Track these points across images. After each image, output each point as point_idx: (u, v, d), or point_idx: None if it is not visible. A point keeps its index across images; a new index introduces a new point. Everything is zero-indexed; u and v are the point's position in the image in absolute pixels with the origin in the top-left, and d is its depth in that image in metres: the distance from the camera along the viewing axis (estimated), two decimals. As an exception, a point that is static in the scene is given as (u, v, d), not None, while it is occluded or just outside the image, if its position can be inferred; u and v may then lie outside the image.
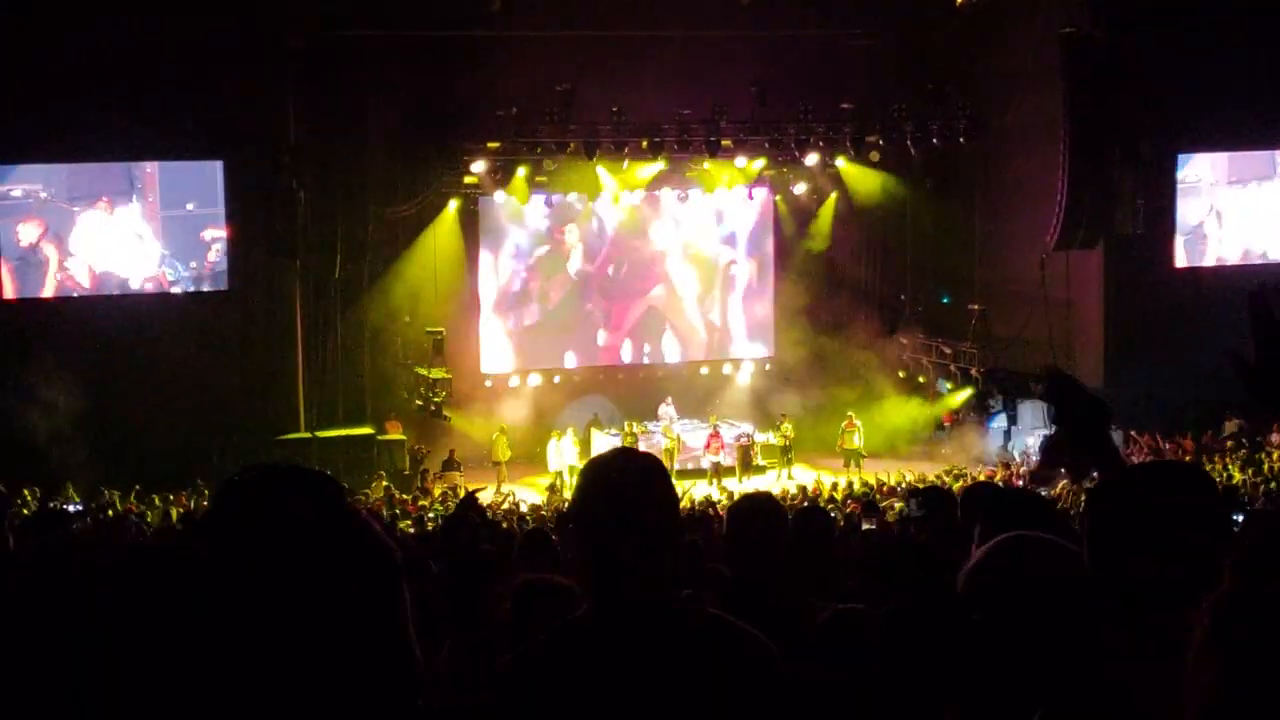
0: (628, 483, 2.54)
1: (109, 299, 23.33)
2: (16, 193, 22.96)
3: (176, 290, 23.75)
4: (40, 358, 21.33)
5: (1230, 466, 21.11)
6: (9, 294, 22.92)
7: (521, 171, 25.63)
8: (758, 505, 4.26)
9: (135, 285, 23.59)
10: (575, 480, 2.65)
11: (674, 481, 2.69)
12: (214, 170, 23.45)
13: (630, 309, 28.63)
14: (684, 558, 2.71)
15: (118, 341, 22.33)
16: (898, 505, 15.49)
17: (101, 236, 23.30)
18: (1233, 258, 26.12)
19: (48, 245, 23.07)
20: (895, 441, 27.44)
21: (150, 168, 23.44)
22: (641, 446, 25.57)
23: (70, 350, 21.71)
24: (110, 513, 17.51)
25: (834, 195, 28.28)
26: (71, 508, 16.69)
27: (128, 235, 23.46)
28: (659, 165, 25.99)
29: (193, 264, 23.84)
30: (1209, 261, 26.06)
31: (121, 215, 23.41)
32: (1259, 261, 26.01)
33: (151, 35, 21.30)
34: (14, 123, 21.50)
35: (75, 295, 23.22)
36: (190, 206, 23.69)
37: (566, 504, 20.31)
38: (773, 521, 4.07)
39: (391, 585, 1.44)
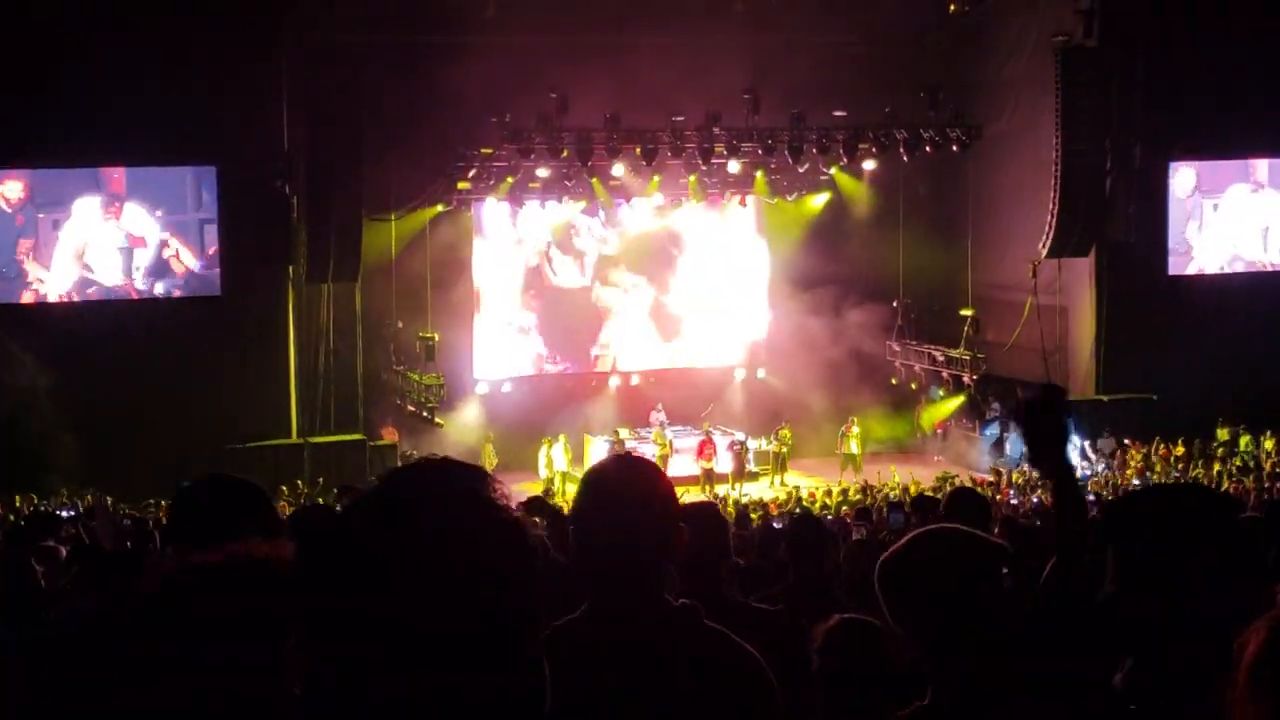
0: (627, 487, 2.59)
1: (100, 304, 23.28)
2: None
3: (163, 294, 23.71)
4: (29, 363, 21.30)
5: (1219, 471, 21.15)
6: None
7: (514, 177, 25.63)
8: (701, 511, 4.32)
9: (119, 290, 23.52)
10: (578, 484, 2.70)
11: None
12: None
13: (622, 315, 28.62)
14: (681, 560, 2.76)
15: (108, 346, 22.27)
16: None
17: (82, 241, 23.24)
18: (1217, 266, 26.14)
19: (26, 249, 23.00)
20: (887, 449, 27.48)
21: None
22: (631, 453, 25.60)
23: (60, 355, 21.66)
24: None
25: (830, 202, 28.38)
26: (64, 512, 16.63)
27: (109, 240, 23.40)
28: (652, 171, 25.97)
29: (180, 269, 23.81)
30: (1198, 269, 26.09)
31: (99, 220, 23.33)
32: (1244, 269, 26.07)
33: (144, 39, 21.27)
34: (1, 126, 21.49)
35: (62, 301, 23.16)
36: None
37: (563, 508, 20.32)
38: (716, 527, 4.11)
39: (530, 578, 1.47)
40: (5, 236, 22.93)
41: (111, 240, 23.41)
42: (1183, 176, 25.60)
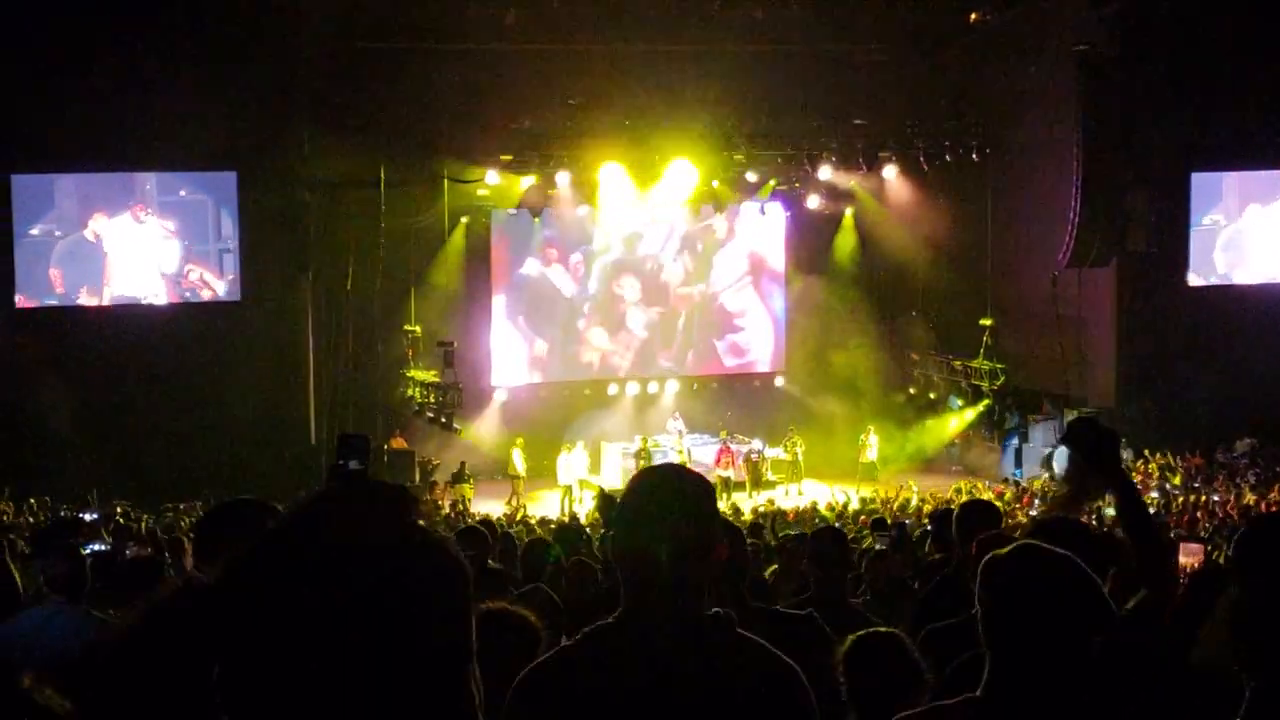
0: (667, 493, 2.61)
1: (121, 309, 23.38)
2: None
3: (184, 300, 23.83)
4: (53, 367, 21.38)
5: (1242, 485, 21.02)
6: (21, 302, 22.99)
7: (533, 183, 25.67)
8: (837, 535, 5.86)
9: (145, 297, 23.63)
10: (623, 489, 2.71)
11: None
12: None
13: (639, 322, 28.60)
14: (720, 573, 2.77)
15: (129, 352, 22.36)
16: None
17: (113, 248, 23.38)
18: (1244, 277, 26.00)
19: (61, 255, 23.17)
20: (905, 458, 27.39)
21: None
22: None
23: (82, 360, 21.76)
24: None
25: (849, 212, 28.37)
26: (87, 515, 16.67)
27: (139, 248, 23.53)
28: (672, 178, 25.95)
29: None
30: (1221, 280, 25.95)
31: (132, 228, 23.48)
32: (1270, 281, 25.91)
33: (165, 47, 21.39)
34: (29, 133, 21.60)
35: (87, 305, 23.27)
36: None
37: (572, 517, 20.35)
38: (847, 548, 5.66)
39: (463, 607, 1.42)
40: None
41: (148, 254, 23.62)
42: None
